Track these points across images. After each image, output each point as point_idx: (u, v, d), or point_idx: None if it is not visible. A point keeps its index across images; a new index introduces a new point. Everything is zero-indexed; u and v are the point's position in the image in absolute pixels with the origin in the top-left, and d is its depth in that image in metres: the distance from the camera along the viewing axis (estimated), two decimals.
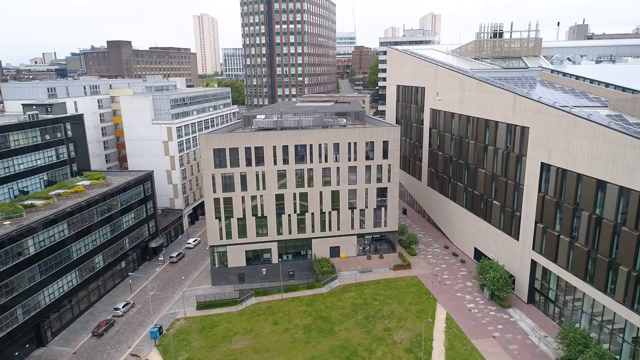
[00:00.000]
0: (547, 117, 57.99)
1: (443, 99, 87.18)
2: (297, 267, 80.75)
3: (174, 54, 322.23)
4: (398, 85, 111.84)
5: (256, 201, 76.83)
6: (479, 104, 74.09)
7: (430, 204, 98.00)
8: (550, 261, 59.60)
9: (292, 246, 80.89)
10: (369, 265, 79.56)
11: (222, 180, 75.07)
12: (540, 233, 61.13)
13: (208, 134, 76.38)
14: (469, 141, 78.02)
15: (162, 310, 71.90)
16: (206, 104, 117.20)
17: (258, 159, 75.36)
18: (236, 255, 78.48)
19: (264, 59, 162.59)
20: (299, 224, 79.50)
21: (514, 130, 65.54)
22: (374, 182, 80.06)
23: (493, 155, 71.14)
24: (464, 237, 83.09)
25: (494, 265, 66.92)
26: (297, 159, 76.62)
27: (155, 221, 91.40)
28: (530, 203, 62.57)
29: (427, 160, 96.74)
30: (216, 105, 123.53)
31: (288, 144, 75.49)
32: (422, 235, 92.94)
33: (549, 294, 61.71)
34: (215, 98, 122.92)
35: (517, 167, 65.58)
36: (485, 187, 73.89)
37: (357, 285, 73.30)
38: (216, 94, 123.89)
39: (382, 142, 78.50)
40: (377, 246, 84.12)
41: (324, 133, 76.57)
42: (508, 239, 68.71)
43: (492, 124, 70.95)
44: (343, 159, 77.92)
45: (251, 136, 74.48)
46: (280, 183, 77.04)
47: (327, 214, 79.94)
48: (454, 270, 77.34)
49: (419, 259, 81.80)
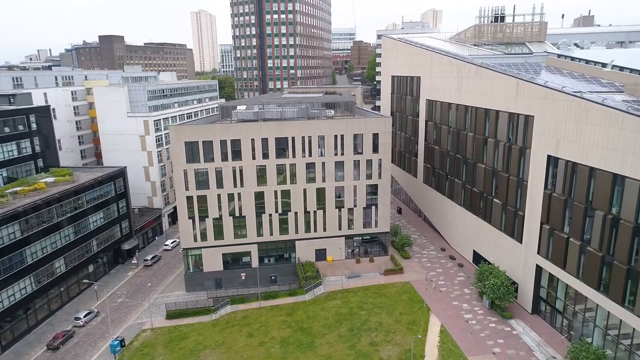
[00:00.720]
0: (555, 103, 51.01)
1: (440, 88, 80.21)
2: (279, 271, 74.00)
3: (169, 50, 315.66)
4: (393, 76, 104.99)
5: (233, 200, 70.08)
6: (478, 92, 67.13)
7: (426, 202, 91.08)
8: (557, 267, 52.68)
9: (273, 249, 74.11)
10: (358, 270, 72.72)
11: (196, 176, 68.31)
12: (547, 235, 54.20)
13: (179, 125, 69.64)
14: (467, 133, 71.08)
15: (129, 319, 65.26)
16: (190, 96, 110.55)
17: (235, 154, 68.58)
18: (212, 258, 71.77)
19: (254, 50, 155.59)
20: (281, 225, 72.72)
21: (516, 120, 58.59)
22: (363, 179, 73.19)
23: (493, 148, 64.19)
24: (462, 239, 76.19)
25: (494, 270, 60.03)
26: (278, 153, 69.82)
27: (129, 221, 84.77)
28: (535, 201, 55.63)
29: (423, 155, 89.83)
30: (201, 99, 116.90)
31: (268, 136, 68.69)
32: (417, 237, 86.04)
33: (557, 304, 54.79)
34: (200, 91, 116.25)
35: (520, 161, 58.63)
36: (485, 183, 66.97)
37: (343, 292, 66.49)
38: (201, 86, 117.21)
39: (371, 135, 71.59)
40: (368, 248, 77.28)
41: (308, 125, 69.72)
42: (510, 242, 61.79)
43: (492, 114, 63.99)
44: (329, 154, 71.08)
45: (227, 128, 67.71)
46: (260, 180, 70.25)
47: (312, 213, 73.13)
48: (450, 275, 70.44)
49: (412, 262, 74.92)
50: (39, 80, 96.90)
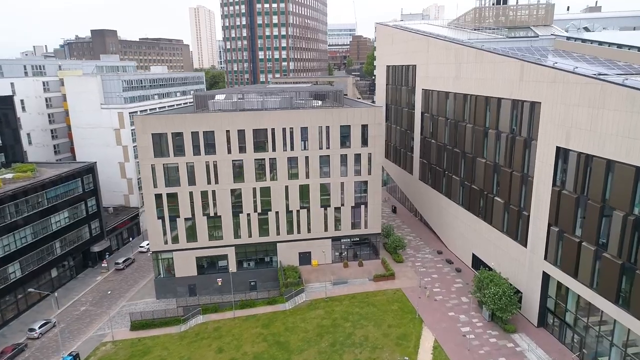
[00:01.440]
0: (566, 87, 44.17)
1: (436, 76, 73.39)
2: (259, 276, 67.45)
3: (164, 45, 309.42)
4: (388, 66, 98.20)
5: (207, 198, 63.51)
6: (478, 78, 60.33)
7: (422, 201, 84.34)
8: (567, 275, 45.91)
9: (253, 252, 67.55)
10: (345, 275, 66.08)
11: (165, 172, 61.78)
12: (555, 239, 47.43)
13: (145, 115, 63.11)
14: (466, 125, 64.29)
15: (89, 330, 58.90)
16: (172, 88, 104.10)
17: (208, 147, 62.01)
18: (185, 262, 65.24)
19: (245, 42, 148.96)
20: (260, 225, 66.12)
21: (520, 108, 51.79)
22: (352, 175, 66.50)
23: (495, 140, 57.41)
24: (460, 241, 69.44)
25: (495, 277, 53.31)
26: (256, 147, 63.21)
27: (100, 221, 78.35)
28: (542, 200, 48.87)
29: (419, 150, 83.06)
30: (186, 91, 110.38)
31: (244, 128, 62.06)
32: (412, 238, 79.29)
33: (566, 316, 48.03)
34: (184, 83, 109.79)
35: (524, 155, 51.86)
36: (485, 180, 60.21)
37: (327, 301, 59.87)
38: (186, 78, 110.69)
39: (360, 127, 64.89)
40: (357, 251, 70.61)
41: (289, 115, 63.04)
42: (513, 245, 55.04)
43: (493, 102, 57.19)
44: (313, 147, 64.41)
45: (199, 118, 61.10)
46: (237, 176, 63.66)
47: (295, 213, 66.50)
48: (447, 281, 63.70)
49: (405, 267, 68.21)
50: (5, 69, 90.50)
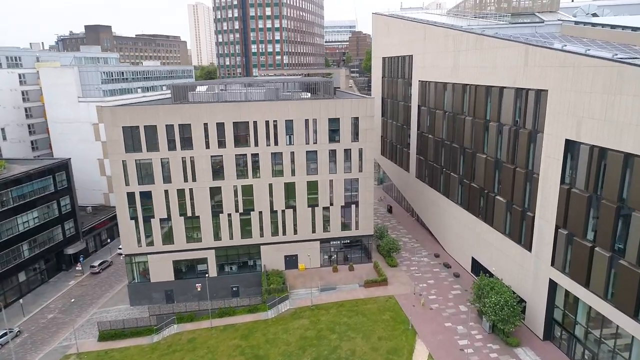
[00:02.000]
0: (577, 71, 39.08)
1: (434, 66, 68.30)
2: (242, 281, 62.57)
3: (161, 42, 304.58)
4: (384, 58, 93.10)
5: (184, 197, 58.64)
6: (478, 66, 55.25)
7: (418, 200, 79.28)
8: (577, 284, 40.86)
9: (234, 255, 62.64)
10: (334, 280, 61.11)
11: (138, 169, 56.90)
12: (564, 243, 42.37)
13: (114, 106, 58.20)
14: (465, 118, 59.23)
15: (54, 341, 54.17)
16: (158, 82, 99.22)
17: (185, 141, 57.10)
18: (161, 267, 60.39)
19: (237, 35, 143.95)
20: (243, 227, 61.20)
21: (525, 97, 46.70)
22: (341, 172, 61.52)
23: (496, 134, 52.32)
24: (459, 243, 64.39)
25: (496, 285, 48.26)
26: (237, 141, 58.29)
27: (75, 221, 73.54)
28: (548, 199, 43.80)
29: (416, 146, 77.99)
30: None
31: (224, 120, 57.12)
32: (408, 240, 74.25)
33: (576, 329, 42.97)
34: (171, 76, 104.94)
35: (529, 149, 46.77)
36: (486, 177, 55.16)
37: (312, 309, 54.91)
38: (173, 71, 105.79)
39: (350, 120, 59.89)
40: (348, 254, 65.65)
41: (272, 107, 58.05)
42: (516, 249, 49.98)
43: (494, 92, 52.10)
44: (299, 142, 59.45)
45: (174, 110, 56.17)
46: (216, 173, 58.77)
47: (280, 213, 61.56)
48: (444, 287, 58.66)
49: (400, 271, 63.18)
50: None
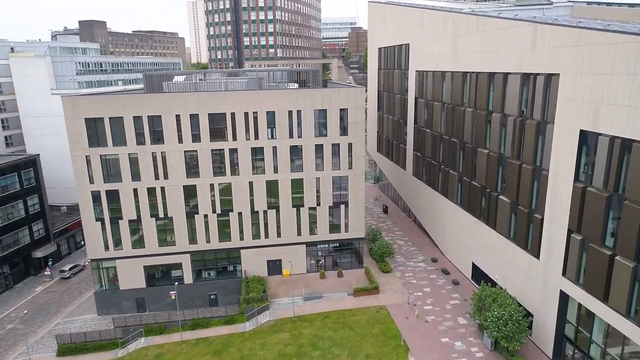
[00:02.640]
0: (594, 50, 33.50)
1: (431, 54, 62.77)
2: (221, 288, 57.24)
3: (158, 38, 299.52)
4: (379, 49, 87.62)
5: (155, 196, 53.33)
6: (480, 51, 49.69)
7: (415, 199, 73.76)
8: (594, 298, 35.32)
9: (212, 260, 57.30)
10: (320, 288, 55.69)
11: (103, 165, 51.65)
12: (577, 250, 36.82)
13: (75, 95, 52.92)
14: (465, 109, 53.69)
15: (9, 355, 49.00)
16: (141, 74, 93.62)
17: (155, 135, 51.80)
18: (131, 272, 55.12)
19: (229, 27, 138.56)
20: (221, 229, 55.87)
21: (532, 84, 41.13)
22: (329, 169, 56.11)
23: (499, 126, 46.77)
24: (459, 248, 58.88)
25: (499, 295, 42.78)
26: (213, 135, 52.94)
27: (45, 222, 68.39)
28: (560, 199, 38.26)
29: (413, 141, 72.47)
30: None
31: (198, 112, 51.76)
32: (404, 243, 68.73)
33: (591, 349, 37.40)
34: (157, 69, 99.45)
35: (537, 143, 41.22)
36: (488, 175, 49.62)
37: (294, 321, 49.49)
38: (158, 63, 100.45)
39: (338, 111, 54.45)
40: (337, 259, 60.24)
41: (252, 97, 52.63)
42: (522, 256, 44.44)
43: (498, 79, 46.53)
44: (282, 135, 54.04)
45: (142, 100, 50.82)
46: (191, 170, 53.45)
47: (262, 214, 56.19)
48: (441, 297, 53.15)
49: (393, 278, 57.71)
50: None
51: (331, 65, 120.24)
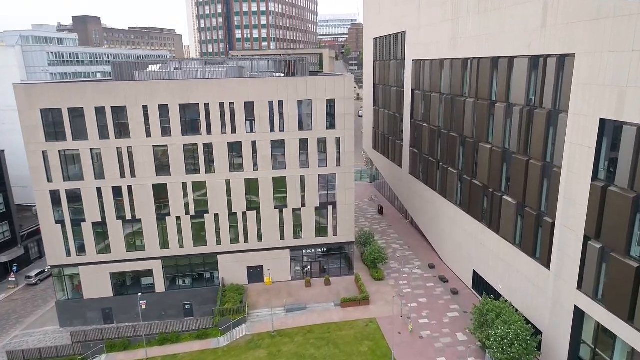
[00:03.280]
0: (617, 23, 28.15)
1: (429, 41, 57.48)
2: (196, 297, 52.07)
3: (155, 35, 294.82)
4: (375, 39, 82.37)
5: (122, 196, 48.20)
6: (482, 34, 44.35)
7: (412, 200, 68.45)
8: (615, 316, 29.99)
9: (187, 266, 52.16)
10: (305, 298, 50.45)
11: (62, 161, 46.55)
12: (596, 259, 31.48)
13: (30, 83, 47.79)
14: (466, 100, 48.35)
15: None
16: None
17: (120, 128, 46.67)
18: (96, 280, 50.02)
19: (220, 19, 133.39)
20: (195, 232, 50.72)
21: (543, 67, 35.76)
22: (315, 166, 50.87)
23: (504, 117, 41.42)
24: (458, 253, 53.56)
25: (504, 311, 37.49)
26: (185, 128, 47.76)
27: (11, 224, 63.32)
28: (575, 201, 32.92)
29: (409, 137, 67.16)
30: None
31: (168, 102, 46.57)
32: (399, 247, 63.43)
33: None
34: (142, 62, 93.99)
35: (547, 135, 35.90)
36: (491, 173, 44.30)
37: (274, 336, 44.26)
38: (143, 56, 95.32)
39: (324, 102, 49.19)
40: (325, 265, 55.03)
41: (227, 85, 47.40)
42: (530, 265, 39.12)
43: (502, 64, 41.18)
44: (262, 129, 48.83)
45: (105, 89, 45.62)
46: (161, 167, 48.28)
47: (240, 216, 51.01)
48: (438, 308, 47.85)
49: (386, 286, 52.44)
50: None
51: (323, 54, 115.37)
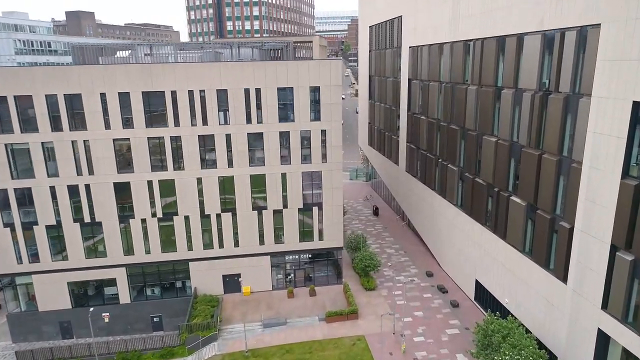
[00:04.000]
0: None
1: (427, 25, 51.83)
2: (166, 309, 46.56)
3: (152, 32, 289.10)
4: (371, 27, 76.74)
5: (79, 196, 42.75)
6: (486, 10, 38.70)
7: (409, 200, 62.83)
8: None
9: (155, 274, 46.67)
10: (286, 310, 44.89)
11: (10, 156, 41.12)
12: (626, 274, 25.84)
13: None
14: (468, 87, 42.68)
15: None
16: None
17: (75, 119, 41.21)
18: (52, 290, 44.62)
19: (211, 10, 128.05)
20: (163, 237, 45.24)
21: (559, 44, 30.08)
22: (298, 163, 45.31)
23: (512, 106, 35.75)
24: (459, 260, 47.91)
25: (512, 332, 31.87)
26: (150, 119, 42.27)
27: None
28: (599, 202, 27.28)
29: (406, 131, 61.53)
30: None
31: (129, 89, 41.07)
32: (394, 252, 57.82)
33: None
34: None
35: (564, 124, 30.24)
36: (497, 170, 38.65)
37: (247, 356, 38.69)
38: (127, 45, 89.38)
39: (308, 90, 43.61)
40: (310, 272, 49.49)
41: (196, 70, 41.84)
42: (542, 276, 33.46)
43: (509, 44, 35.50)
44: (237, 120, 43.29)
45: (57, 74, 40.11)
46: (122, 163, 42.80)
47: (214, 218, 45.49)
48: (436, 323, 42.22)
49: (378, 297, 46.84)
50: None
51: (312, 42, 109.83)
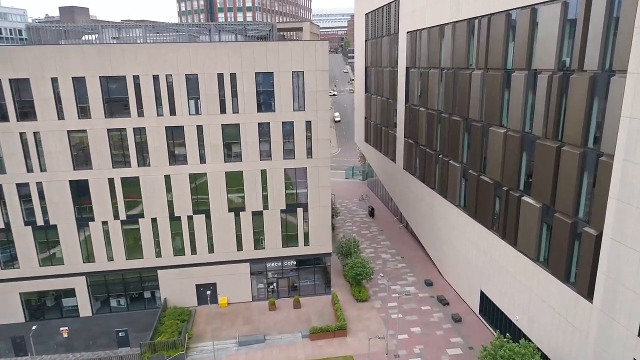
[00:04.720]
0: None
1: (426, 6, 46.63)
2: (133, 323, 41.54)
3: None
4: (367, 14, 71.59)
5: (30, 195, 37.70)
6: None
7: (407, 200, 57.64)
8: None
9: (119, 283, 41.56)
10: (266, 325, 39.74)
11: None
12: None
13: None
14: (472, 72, 37.48)
15: None
16: None
17: (23, 107, 36.14)
18: (2, 302, 39.61)
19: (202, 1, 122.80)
20: (128, 242, 40.15)
21: (584, 13, 24.87)
22: (279, 158, 40.15)
23: (524, 90, 30.54)
24: (462, 268, 42.70)
25: (526, 356, 26.71)
26: (110, 109, 37.18)
27: None
28: (637, 204, 22.08)
29: (404, 125, 56.36)
30: None
31: (85, 74, 35.97)
32: (390, 257, 52.61)
33: None
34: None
35: (590, 110, 25.06)
36: (506, 166, 33.44)
37: None
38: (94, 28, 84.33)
39: (290, 76, 38.46)
40: (295, 281, 44.36)
41: (162, 52, 36.72)
42: (561, 292, 28.26)
43: (522, 20, 30.30)
44: (210, 110, 38.16)
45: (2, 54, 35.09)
46: (79, 159, 37.73)
47: (186, 221, 40.36)
48: (436, 341, 37.03)
49: (370, 310, 41.67)
50: None
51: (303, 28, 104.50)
